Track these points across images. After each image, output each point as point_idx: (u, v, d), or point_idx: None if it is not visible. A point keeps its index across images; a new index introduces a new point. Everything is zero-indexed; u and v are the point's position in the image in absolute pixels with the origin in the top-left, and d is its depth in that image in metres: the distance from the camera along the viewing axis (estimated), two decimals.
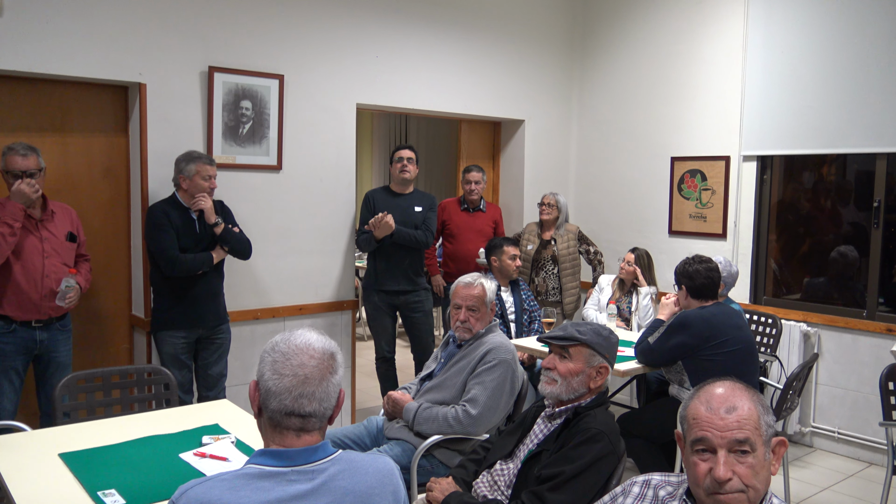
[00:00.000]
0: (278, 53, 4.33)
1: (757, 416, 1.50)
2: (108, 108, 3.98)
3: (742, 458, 1.48)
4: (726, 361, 3.38)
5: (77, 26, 3.63)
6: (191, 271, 3.64)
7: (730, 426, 1.49)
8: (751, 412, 1.50)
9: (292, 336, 1.52)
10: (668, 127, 5.45)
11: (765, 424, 1.51)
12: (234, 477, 1.42)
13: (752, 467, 1.48)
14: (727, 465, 1.47)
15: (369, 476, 1.52)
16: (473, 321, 3.07)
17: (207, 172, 3.66)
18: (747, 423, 1.49)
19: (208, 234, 3.71)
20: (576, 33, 6.02)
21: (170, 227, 3.60)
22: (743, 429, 1.48)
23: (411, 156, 4.62)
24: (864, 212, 4.61)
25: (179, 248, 3.62)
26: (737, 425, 1.48)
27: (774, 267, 5.10)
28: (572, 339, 2.35)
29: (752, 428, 1.48)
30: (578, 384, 2.33)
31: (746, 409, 1.50)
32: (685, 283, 3.59)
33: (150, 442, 2.41)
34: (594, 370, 2.34)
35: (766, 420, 1.51)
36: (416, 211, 4.58)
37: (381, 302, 4.58)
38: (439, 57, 5.12)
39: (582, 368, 2.33)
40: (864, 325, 4.48)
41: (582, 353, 2.34)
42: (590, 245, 5.28)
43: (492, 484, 2.41)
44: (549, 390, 2.36)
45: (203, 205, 3.66)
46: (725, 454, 1.48)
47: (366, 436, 3.14)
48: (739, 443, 1.48)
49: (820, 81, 4.61)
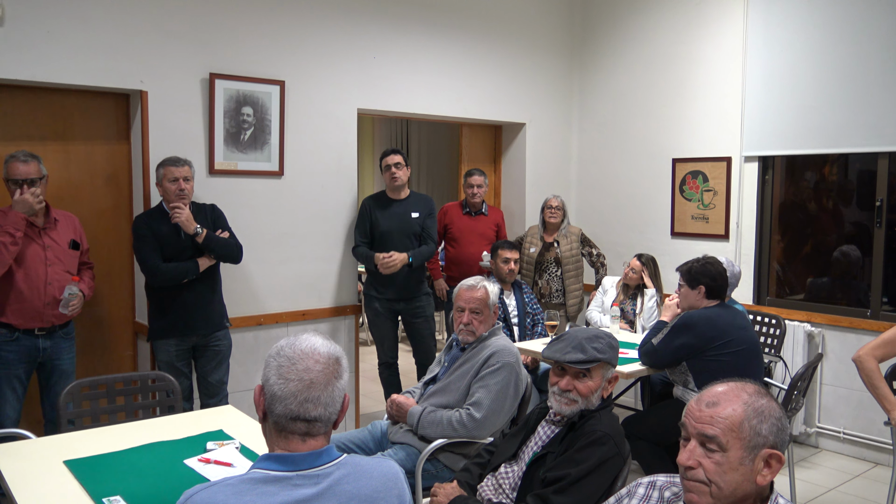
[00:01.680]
0: (279, 60, 4.34)
1: (739, 418, 1.50)
2: (110, 116, 3.99)
3: (710, 453, 1.51)
4: (731, 362, 3.37)
5: (78, 34, 3.65)
6: (174, 280, 3.60)
7: (704, 419, 1.53)
8: (733, 412, 1.51)
9: (297, 341, 1.52)
10: (669, 128, 5.46)
11: (749, 429, 1.50)
12: (239, 481, 1.42)
13: (719, 465, 1.50)
14: (692, 453, 1.53)
15: (374, 480, 1.52)
16: (477, 324, 3.07)
17: (172, 175, 3.58)
18: (723, 421, 1.51)
19: (193, 242, 3.65)
20: (575, 36, 6.02)
21: (150, 237, 3.57)
22: (714, 425, 1.51)
23: (399, 160, 4.51)
24: (867, 211, 4.61)
25: (164, 256, 3.59)
26: (709, 420, 1.52)
27: (777, 267, 5.10)
28: (594, 360, 2.31)
29: (726, 428, 1.50)
30: (597, 399, 2.33)
31: (730, 408, 1.52)
32: (706, 282, 3.55)
33: (154, 448, 2.41)
34: (608, 382, 2.37)
35: (753, 426, 1.50)
36: (412, 217, 4.54)
37: (381, 307, 4.56)
38: (440, 61, 5.13)
39: (600, 384, 2.34)
40: (869, 325, 4.47)
41: (600, 369, 2.34)
42: (592, 247, 5.29)
43: (496, 487, 2.41)
44: (569, 411, 2.31)
45: (177, 219, 3.55)
46: (696, 444, 1.53)
47: (370, 440, 3.13)
48: (707, 437, 1.51)
49: (820, 81, 4.60)
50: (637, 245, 5.55)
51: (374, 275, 4.53)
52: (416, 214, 4.54)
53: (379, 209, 4.53)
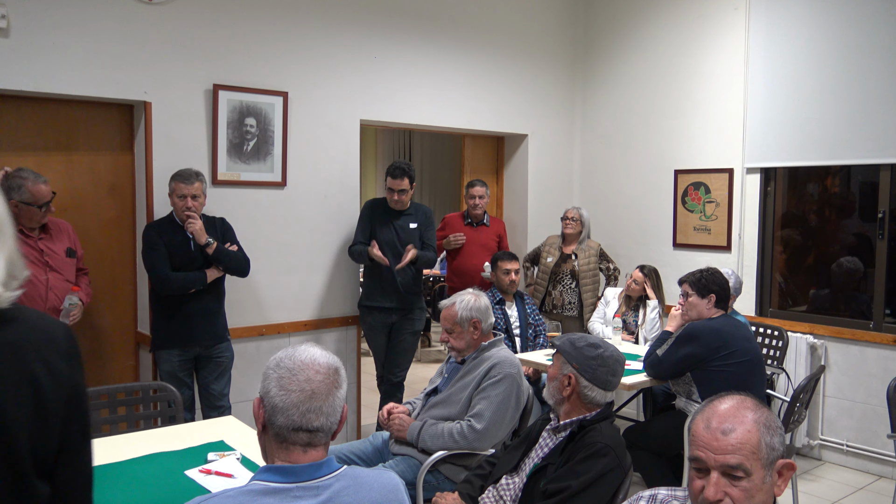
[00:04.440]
0: (282, 71, 4.37)
1: (756, 440, 1.47)
2: (114, 127, 4.01)
3: (735, 481, 1.46)
4: (735, 373, 3.37)
5: (83, 46, 3.67)
6: (182, 290, 3.61)
7: (724, 449, 1.47)
8: (749, 435, 1.47)
9: (296, 352, 1.52)
10: (671, 140, 5.47)
11: (766, 447, 1.48)
12: (239, 493, 1.42)
13: (746, 491, 1.46)
14: (718, 487, 1.46)
15: (374, 492, 1.52)
16: (453, 341, 3.08)
17: (181, 191, 3.61)
18: (743, 447, 1.46)
19: (202, 253, 3.68)
20: (578, 48, 6.05)
21: (161, 246, 3.59)
22: (737, 453, 1.46)
23: (404, 187, 4.39)
24: (869, 223, 4.60)
25: (173, 266, 3.61)
26: (731, 449, 1.46)
27: (780, 279, 5.09)
28: (553, 346, 2.50)
29: (749, 452, 1.46)
30: (554, 389, 2.42)
31: (745, 431, 1.47)
32: (716, 291, 3.57)
33: (155, 459, 2.40)
34: (564, 378, 2.38)
35: (767, 442, 1.48)
36: (411, 227, 4.52)
37: (375, 322, 4.53)
38: (442, 72, 5.15)
39: (556, 374, 2.42)
40: (871, 337, 4.46)
41: (558, 360, 2.43)
42: (609, 262, 5.32)
43: (497, 499, 2.40)
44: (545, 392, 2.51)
45: (191, 227, 3.61)
46: (718, 476, 1.47)
47: (371, 451, 3.13)
48: (732, 468, 1.46)
49: (822, 93, 4.61)
50: (639, 256, 5.55)
51: (375, 281, 4.50)
52: (414, 225, 4.54)
53: (379, 217, 4.52)
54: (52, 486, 1.22)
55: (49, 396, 1.19)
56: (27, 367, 1.17)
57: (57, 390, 1.21)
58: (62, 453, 1.23)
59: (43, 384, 1.19)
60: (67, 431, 1.23)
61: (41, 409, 1.18)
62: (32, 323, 1.23)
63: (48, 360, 1.20)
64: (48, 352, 1.21)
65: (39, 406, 1.18)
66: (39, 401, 1.18)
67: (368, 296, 4.55)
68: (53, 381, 1.20)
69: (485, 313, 3.10)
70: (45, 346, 1.21)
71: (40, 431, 1.19)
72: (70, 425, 1.23)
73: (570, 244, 5.24)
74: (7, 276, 1.19)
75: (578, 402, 2.36)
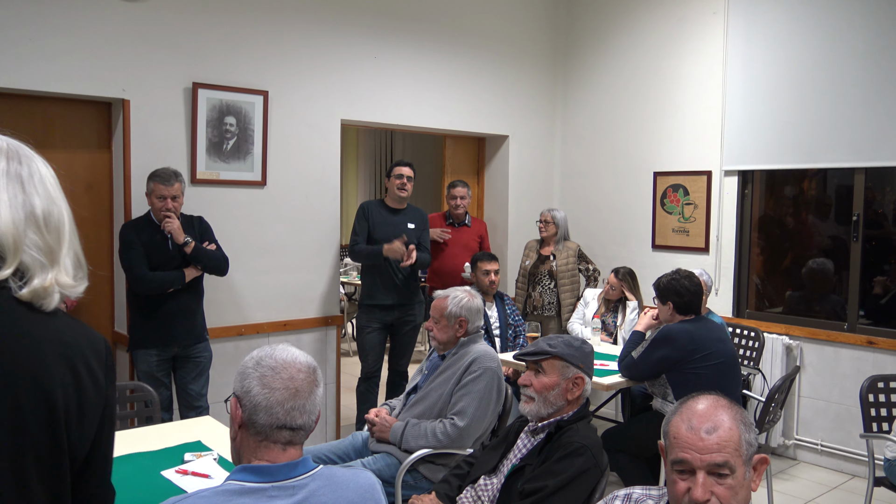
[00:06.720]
0: (263, 70, 4.35)
1: (738, 437, 1.50)
2: (92, 124, 3.97)
3: (721, 480, 1.48)
4: (710, 374, 3.40)
5: (61, 42, 3.63)
6: (159, 289, 3.59)
7: (709, 448, 1.48)
8: (731, 432, 1.49)
9: (275, 351, 1.53)
10: (651, 142, 5.51)
11: (745, 444, 1.50)
12: (214, 493, 1.41)
13: (731, 488, 1.48)
14: (705, 487, 1.47)
15: (350, 491, 1.52)
16: (436, 331, 3.11)
17: (161, 192, 3.58)
18: (727, 445, 1.48)
19: (181, 252, 3.65)
20: (559, 50, 6.08)
21: (138, 245, 3.57)
22: (723, 451, 1.48)
23: (411, 174, 4.60)
24: (844, 225, 4.67)
25: (151, 265, 3.58)
26: (717, 447, 1.48)
27: (756, 280, 5.15)
28: (543, 352, 2.38)
29: (732, 450, 1.48)
30: (555, 397, 2.34)
31: (727, 429, 1.50)
32: (673, 299, 3.58)
33: (131, 459, 2.39)
34: (570, 382, 2.35)
35: (746, 439, 1.51)
36: (409, 228, 4.57)
37: (375, 319, 4.55)
38: (424, 73, 5.15)
39: (557, 381, 2.34)
40: (846, 338, 4.52)
41: (555, 365, 2.36)
42: (588, 263, 5.34)
43: (475, 499, 2.41)
44: (527, 409, 2.38)
45: (168, 227, 3.58)
46: (704, 476, 1.48)
47: (351, 451, 3.13)
48: (719, 466, 1.48)
49: (799, 97, 4.67)
50: (618, 257, 5.59)
51: (376, 278, 4.52)
52: (412, 226, 4.58)
53: (378, 216, 4.55)
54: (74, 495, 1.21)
55: (90, 399, 1.19)
56: (75, 367, 1.17)
57: (97, 397, 1.20)
58: (88, 464, 1.21)
59: (86, 387, 1.18)
60: (98, 440, 1.22)
61: (82, 409, 1.18)
62: (82, 328, 1.24)
63: (91, 368, 1.20)
64: (93, 359, 1.21)
65: (81, 405, 1.17)
66: (82, 401, 1.18)
67: (370, 294, 4.57)
68: (94, 388, 1.20)
69: (475, 315, 3.12)
70: (90, 354, 1.21)
71: (78, 432, 1.18)
72: (101, 435, 1.22)
73: (547, 246, 5.28)
74: (75, 270, 1.27)
75: (576, 402, 2.37)
